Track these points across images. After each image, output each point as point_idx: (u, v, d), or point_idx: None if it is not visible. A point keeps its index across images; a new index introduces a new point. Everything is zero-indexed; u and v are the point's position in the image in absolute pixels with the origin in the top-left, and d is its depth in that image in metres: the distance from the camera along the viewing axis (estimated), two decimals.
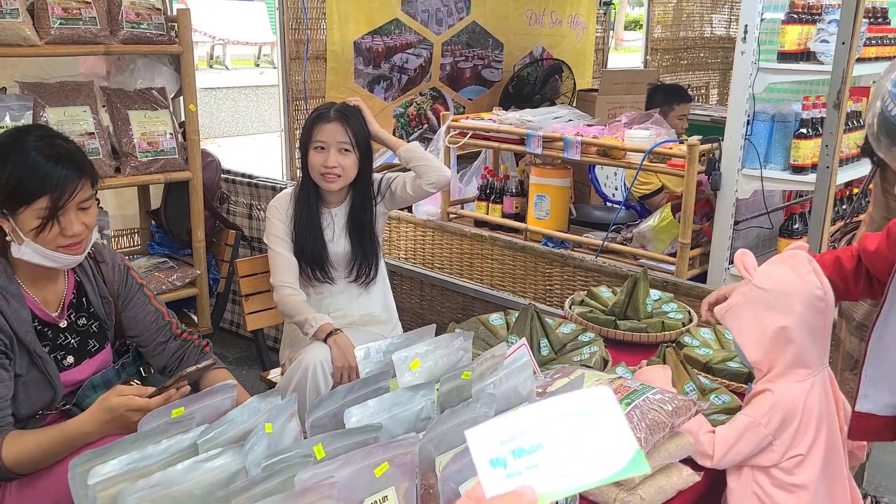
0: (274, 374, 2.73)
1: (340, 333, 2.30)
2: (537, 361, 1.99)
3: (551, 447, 0.69)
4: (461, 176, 4.14)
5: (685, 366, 1.83)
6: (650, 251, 3.18)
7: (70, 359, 1.79)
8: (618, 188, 4.33)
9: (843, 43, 2.33)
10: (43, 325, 1.75)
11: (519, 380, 1.47)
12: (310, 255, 2.48)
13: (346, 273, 2.54)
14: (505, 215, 3.66)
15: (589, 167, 4.27)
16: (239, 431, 1.29)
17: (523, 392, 1.47)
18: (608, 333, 2.18)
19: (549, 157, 3.46)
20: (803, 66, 2.83)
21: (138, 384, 1.90)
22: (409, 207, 3.84)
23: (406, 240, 3.84)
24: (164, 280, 2.97)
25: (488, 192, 3.73)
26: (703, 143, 2.89)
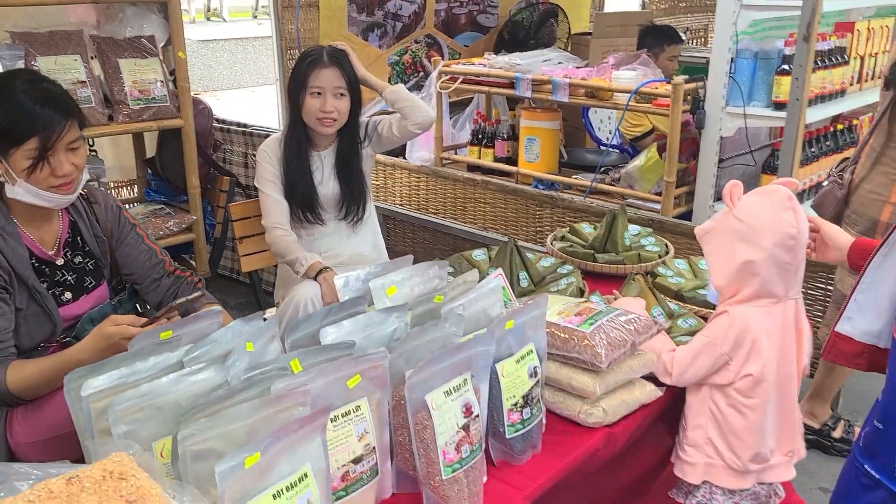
0: (270, 314, 2.82)
1: (330, 271, 2.38)
2: (517, 293, 2.07)
3: None
4: (454, 122, 4.17)
5: (653, 292, 1.90)
6: (637, 191, 3.24)
7: (68, 294, 1.89)
8: (612, 132, 4.36)
9: None
10: (41, 263, 1.84)
11: (488, 302, 1.55)
12: (300, 198, 2.55)
13: (336, 214, 2.61)
14: (497, 159, 3.70)
15: (583, 112, 4.29)
16: (222, 351, 1.37)
17: (492, 314, 1.55)
18: (586, 266, 2.25)
19: (540, 101, 3.49)
20: (785, 1, 2.83)
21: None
22: (403, 154, 3.89)
23: (400, 185, 3.90)
24: (161, 226, 3.05)
25: (480, 136, 3.77)
26: (688, 82, 2.92)
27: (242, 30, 10.89)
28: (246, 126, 3.84)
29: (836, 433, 2.72)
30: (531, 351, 1.47)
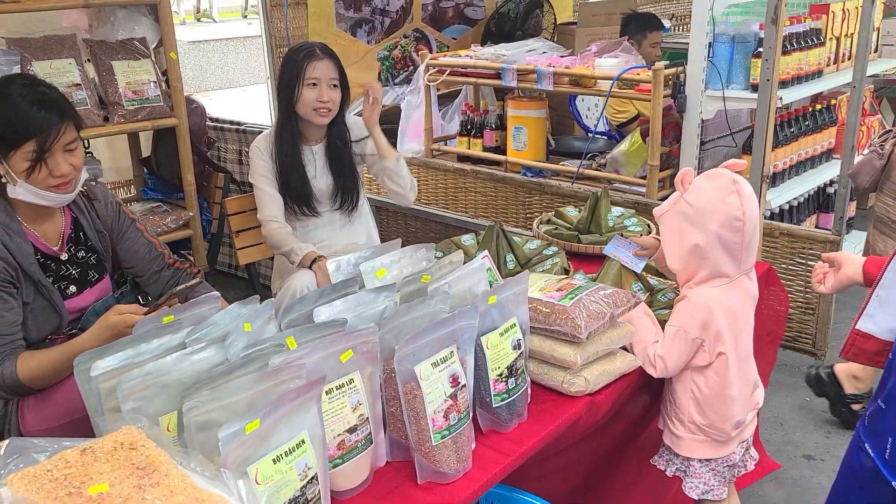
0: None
1: (324, 259, 2.47)
2: (504, 274, 2.15)
3: None
4: (443, 114, 4.25)
5: None
6: (623, 175, 3.32)
7: (72, 288, 1.97)
8: (599, 119, 4.44)
9: None
10: (45, 258, 1.92)
11: (473, 281, 1.63)
12: (295, 192, 2.63)
13: (331, 205, 2.70)
14: (486, 149, 3.78)
15: (570, 100, 4.37)
16: (222, 332, 1.46)
17: (477, 292, 1.63)
18: (571, 247, 2.33)
19: (526, 91, 3.57)
20: None
21: None
22: (394, 146, 3.96)
23: None
24: (158, 223, 3.13)
25: (469, 127, 3.85)
26: (668, 67, 3.00)
27: (232, 30, 10.93)
28: (239, 124, 3.92)
29: (857, 407, 2.68)
30: (514, 325, 1.55)
